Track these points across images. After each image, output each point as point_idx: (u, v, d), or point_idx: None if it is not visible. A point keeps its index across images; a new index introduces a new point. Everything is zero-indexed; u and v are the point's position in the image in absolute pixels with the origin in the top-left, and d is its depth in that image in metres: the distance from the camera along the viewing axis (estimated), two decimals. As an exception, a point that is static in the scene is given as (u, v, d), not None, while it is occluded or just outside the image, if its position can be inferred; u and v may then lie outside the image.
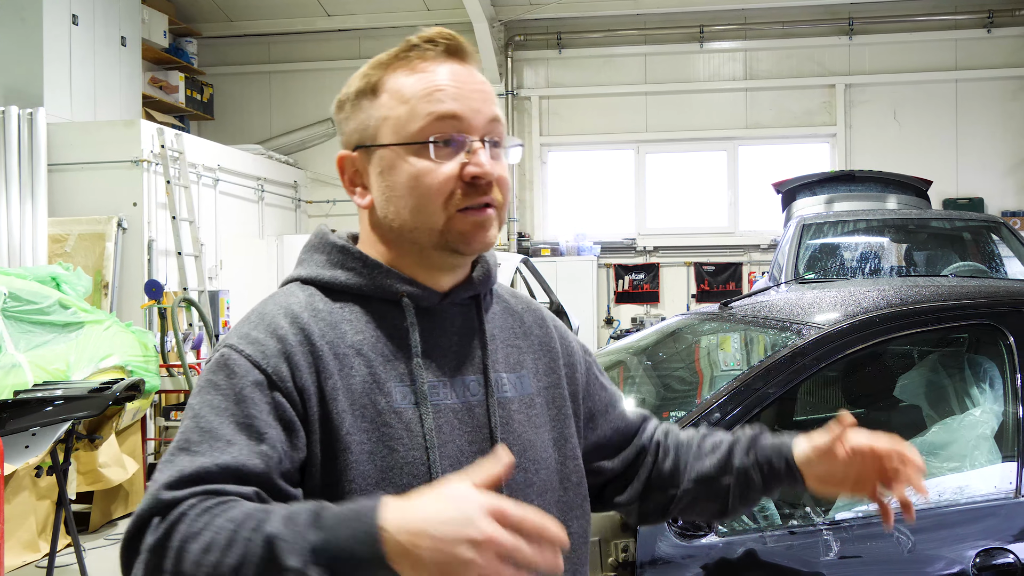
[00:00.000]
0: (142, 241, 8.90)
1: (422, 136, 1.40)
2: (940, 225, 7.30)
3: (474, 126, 1.42)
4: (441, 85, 1.41)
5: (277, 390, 1.34)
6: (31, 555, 6.01)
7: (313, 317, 1.41)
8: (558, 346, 1.64)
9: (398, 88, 1.43)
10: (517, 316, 1.62)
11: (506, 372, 1.52)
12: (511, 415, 1.49)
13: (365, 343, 1.42)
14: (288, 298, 1.45)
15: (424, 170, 1.40)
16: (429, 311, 1.47)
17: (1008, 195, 12.19)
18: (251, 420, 1.30)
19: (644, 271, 12.90)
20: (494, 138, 1.45)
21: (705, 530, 2.34)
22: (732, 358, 3.95)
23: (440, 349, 1.46)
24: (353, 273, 1.47)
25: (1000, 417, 2.72)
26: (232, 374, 1.34)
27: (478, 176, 1.40)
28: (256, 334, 1.38)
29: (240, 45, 13.59)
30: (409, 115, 1.41)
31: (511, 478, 1.44)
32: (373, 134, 1.44)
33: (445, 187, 1.40)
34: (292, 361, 1.36)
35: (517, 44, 12.99)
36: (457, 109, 1.40)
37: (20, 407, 4.87)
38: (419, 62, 1.43)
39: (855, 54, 12.50)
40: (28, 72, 9.32)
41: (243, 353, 1.36)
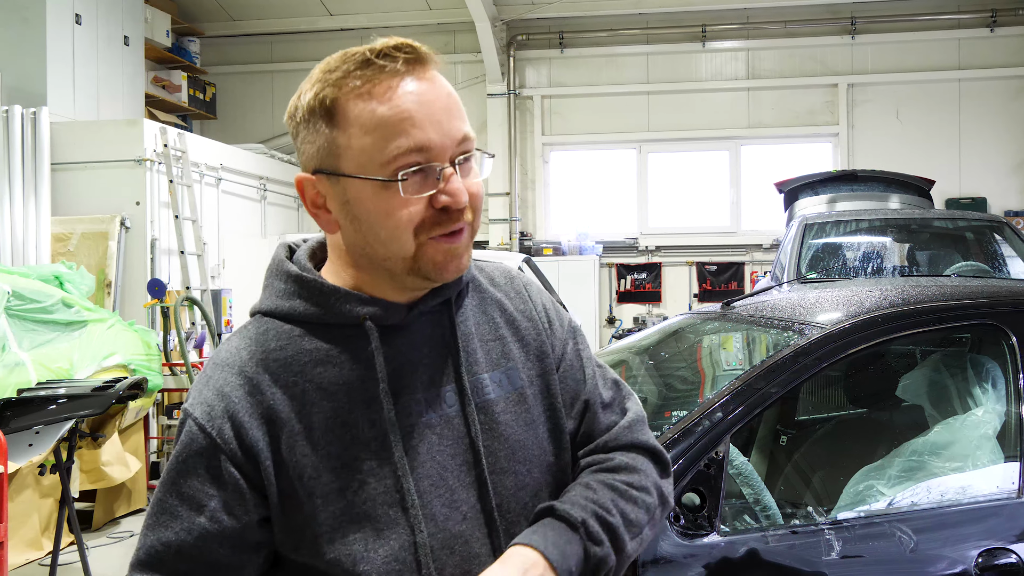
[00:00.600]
0: (145, 240, 8.90)
1: (389, 172, 1.31)
2: (943, 225, 7.30)
3: (443, 151, 1.33)
4: (406, 112, 1.31)
5: (222, 453, 1.34)
6: (34, 553, 6.02)
7: (263, 363, 1.37)
8: (542, 321, 1.56)
9: (358, 115, 1.32)
10: (497, 304, 1.53)
11: (488, 371, 1.46)
12: (495, 418, 1.43)
13: (326, 376, 1.37)
14: (240, 342, 1.42)
15: (394, 206, 1.32)
16: (396, 327, 1.41)
17: (1011, 195, 12.18)
18: (192, 491, 1.34)
19: (646, 271, 12.90)
20: (465, 155, 1.36)
21: (707, 529, 2.34)
22: (734, 358, 3.95)
23: (411, 365, 1.40)
24: (310, 303, 1.41)
25: (1002, 417, 2.72)
26: (181, 442, 1.37)
27: (450, 206, 1.34)
28: (206, 393, 1.38)
29: (243, 44, 13.60)
30: (373, 148, 1.31)
31: (501, 485, 1.41)
32: (334, 162, 1.35)
33: (415, 218, 1.33)
34: (236, 420, 1.34)
35: (519, 43, 12.98)
36: (425, 140, 1.31)
37: (24, 405, 4.88)
38: (380, 83, 1.32)
39: (858, 53, 12.50)
40: (31, 71, 9.33)
41: (192, 417, 1.37)
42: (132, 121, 9.42)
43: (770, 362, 2.59)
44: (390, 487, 1.34)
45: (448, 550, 1.36)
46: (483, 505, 1.40)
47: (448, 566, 1.35)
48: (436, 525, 1.35)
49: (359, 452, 1.34)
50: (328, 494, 1.33)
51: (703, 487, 2.37)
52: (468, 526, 1.38)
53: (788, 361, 2.58)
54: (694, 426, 2.45)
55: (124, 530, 7.01)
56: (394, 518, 1.33)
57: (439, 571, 1.34)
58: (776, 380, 2.54)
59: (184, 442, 1.36)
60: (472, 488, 1.40)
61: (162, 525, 1.34)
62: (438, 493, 1.37)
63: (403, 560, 1.33)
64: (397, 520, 1.33)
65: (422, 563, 1.33)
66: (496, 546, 1.39)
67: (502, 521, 1.40)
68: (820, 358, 2.60)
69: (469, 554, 1.37)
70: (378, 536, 1.33)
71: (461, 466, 1.40)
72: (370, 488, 1.34)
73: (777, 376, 2.55)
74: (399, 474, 1.34)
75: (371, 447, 1.35)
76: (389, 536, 1.33)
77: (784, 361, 2.58)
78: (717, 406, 2.49)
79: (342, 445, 1.34)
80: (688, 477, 2.37)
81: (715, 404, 2.50)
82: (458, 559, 1.36)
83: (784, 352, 2.61)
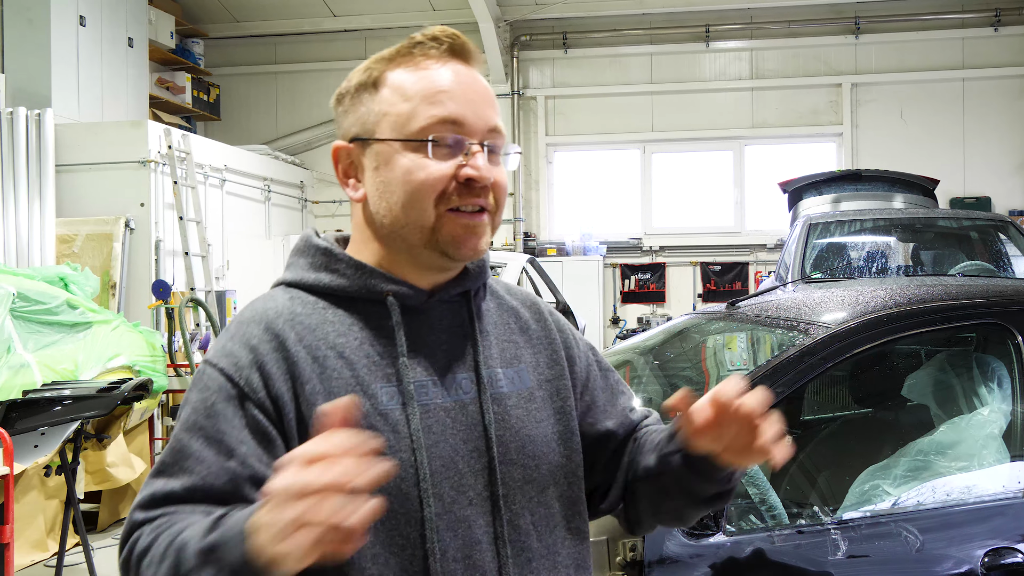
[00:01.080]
0: (149, 241, 8.92)
1: (422, 135, 1.38)
2: (947, 224, 7.28)
3: (474, 130, 1.40)
4: (444, 87, 1.40)
5: (250, 401, 1.34)
6: (40, 554, 6.03)
7: (290, 322, 1.40)
8: (558, 339, 1.60)
9: (400, 84, 1.41)
10: (512, 311, 1.58)
11: (501, 367, 1.49)
12: (507, 411, 1.46)
13: (348, 345, 1.39)
14: (267, 303, 1.44)
15: (419, 165, 1.38)
16: (416, 310, 1.45)
17: (1015, 194, 12.16)
18: (221, 436, 1.32)
19: (650, 271, 12.90)
20: (493, 144, 1.43)
21: (713, 529, 2.34)
22: (739, 358, 3.95)
23: (429, 348, 1.44)
24: (336, 275, 1.45)
25: (1008, 416, 2.72)
26: (205, 389, 1.35)
27: (473, 179, 1.39)
28: (231, 346, 1.38)
29: (246, 46, 13.62)
30: (410, 113, 1.39)
31: (508, 475, 1.43)
32: (371, 128, 1.43)
33: (438, 184, 1.38)
34: (264, 370, 1.35)
35: (523, 44, 12.99)
36: (458, 113, 1.39)
37: (29, 407, 4.89)
38: (423, 60, 1.42)
39: (861, 53, 12.49)
40: (36, 73, 9.36)
41: (217, 367, 1.36)
42: (136, 123, 9.43)
43: (775, 362, 2.59)
44: (404, 460, 1.35)
45: (451, 532, 1.37)
46: (490, 492, 1.41)
47: (450, 548, 1.36)
48: (443, 505, 1.36)
49: (375, 421, 1.36)
50: None
51: (709, 487, 2.37)
52: (473, 511, 1.39)
53: (793, 361, 2.57)
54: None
55: (129, 531, 7.01)
56: (405, 491, 1.34)
57: (442, 552, 1.35)
58: (781, 380, 2.54)
59: (209, 389, 1.35)
60: (481, 475, 1.41)
61: (185, 470, 1.31)
62: (447, 475, 1.38)
63: (407, 535, 1.34)
64: (408, 493, 1.34)
65: (427, 538, 1.34)
66: (498, 534, 1.40)
67: (506, 510, 1.42)
68: (825, 358, 2.60)
69: (471, 539, 1.38)
70: (387, 508, 1.32)
71: (472, 452, 1.41)
72: (385, 458, 1.34)
73: (782, 376, 2.55)
74: (414, 447, 1.36)
75: (388, 418, 1.36)
76: (397, 509, 1.33)
77: (789, 361, 2.58)
78: (722, 406, 2.48)
79: (360, 412, 1.35)
80: (694, 477, 2.37)
81: (720, 404, 2.49)
82: (460, 542, 1.37)
83: (789, 352, 2.61)
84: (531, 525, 1.44)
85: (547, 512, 1.47)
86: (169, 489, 1.30)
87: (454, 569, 1.36)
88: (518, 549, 1.42)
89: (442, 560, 1.35)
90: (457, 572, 1.36)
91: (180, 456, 1.32)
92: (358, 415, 1.27)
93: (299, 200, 12.39)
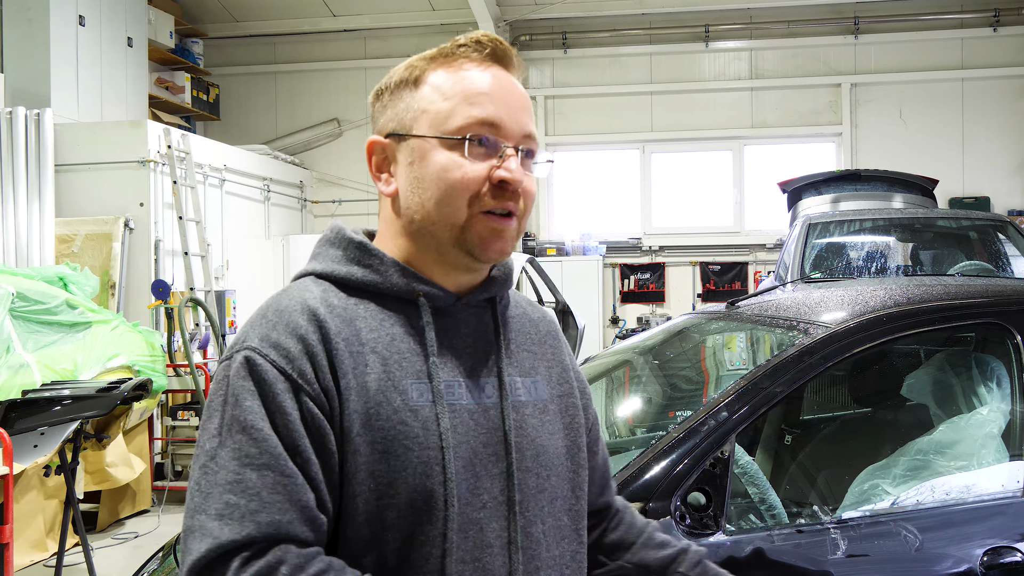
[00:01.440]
0: (149, 241, 8.92)
1: (459, 133, 1.41)
2: (946, 224, 7.29)
3: (510, 134, 1.43)
4: (484, 89, 1.43)
5: (306, 395, 1.33)
6: (39, 554, 6.03)
7: (329, 313, 1.39)
8: (568, 360, 1.64)
9: (440, 84, 1.44)
10: (533, 323, 1.62)
11: (520, 376, 1.51)
12: (525, 419, 1.47)
13: (380, 341, 1.40)
14: (303, 292, 1.42)
15: (455, 164, 1.40)
16: (444, 312, 1.46)
17: (1015, 194, 12.17)
18: (289, 432, 1.30)
19: (650, 271, 12.90)
20: (528, 149, 1.45)
21: (713, 528, 2.34)
22: (739, 357, 3.96)
23: (455, 350, 1.45)
24: (369, 270, 1.45)
25: (1008, 416, 2.72)
26: (262, 382, 1.32)
27: (506, 180, 1.41)
28: (275, 336, 1.35)
29: (246, 45, 13.61)
30: (449, 112, 1.42)
31: (524, 483, 1.44)
32: (409, 124, 1.45)
33: (472, 185, 1.40)
34: (315, 361, 1.34)
35: (522, 44, 12.99)
36: (496, 116, 1.42)
37: (28, 407, 4.88)
38: (465, 62, 1.45)
39: (861, 53, 12.49)
40: (35, 73, 9.35)
41: (266, 357, 1.34)
42: (136, 122, 9.43)
43: (775, 361, 2.59)
44: (432, 458, 1.35)
45: (462, 533, 1.37)
46: (506, 497, 1.42)
47: (462, 549, 1.36)
48: (459, 507, 1.37)
49: (406, 417, 1.36)
50: (371, 454, 1.33)
51: (708, 486, 2.38)
52: (486, 515, 1.39)
53: (793, 360, 2.58)
54: (699, 425, 2.46)
55: (129, 531, 7.02)
56: (430, 490, 1.34)
57: (456, 552, 1.36)
58: (781, 379, 2.54)
59: (257, 375, 1.32)
60: (497, 479, 1.42)
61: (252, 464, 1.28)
62: (464, 476, 1.38)
63: (428, 534, 1.34)
64: (433, 491, 1.34)
65: (448, 538, 1.35)
66: (511, 539, 1.41)
67: (521, 517, 1.42)
68: (825, 357, 2.60)
69: (482, 542, 1.38)
70: (410, 505, 1.34)
71: (491, 456, 1.42)
72: (413, 455, 1.35)
73: (782, 375, 2.55)
74: (443, 446, 1.36)
75: (419, 415, 1.37)
76: (421, 507, 1.34)
77: (789, 360, 2.58)
78: (722, 406, 2.49)
79: (392, 408, 1.36)
80: (694, 476, 2.38)
81: (720, 404, 2.50)
82: (470, 544, 1.37)
83: (789, 351, 2.61)
84: (542, 534, 1.45)
85: (556, 523, 1.48)
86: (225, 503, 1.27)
87: (462, 571, 1.36)
88: (529, 556, 1.43)
89: (451, 562, 1.36)
90: (466, 573, 1.37)
91: (239, 463, 1.29)
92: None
93: (299, 200, 12.39)
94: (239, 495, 1.27)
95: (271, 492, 1.27)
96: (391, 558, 1.34)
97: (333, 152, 13.28)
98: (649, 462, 2.41)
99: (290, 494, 1.28)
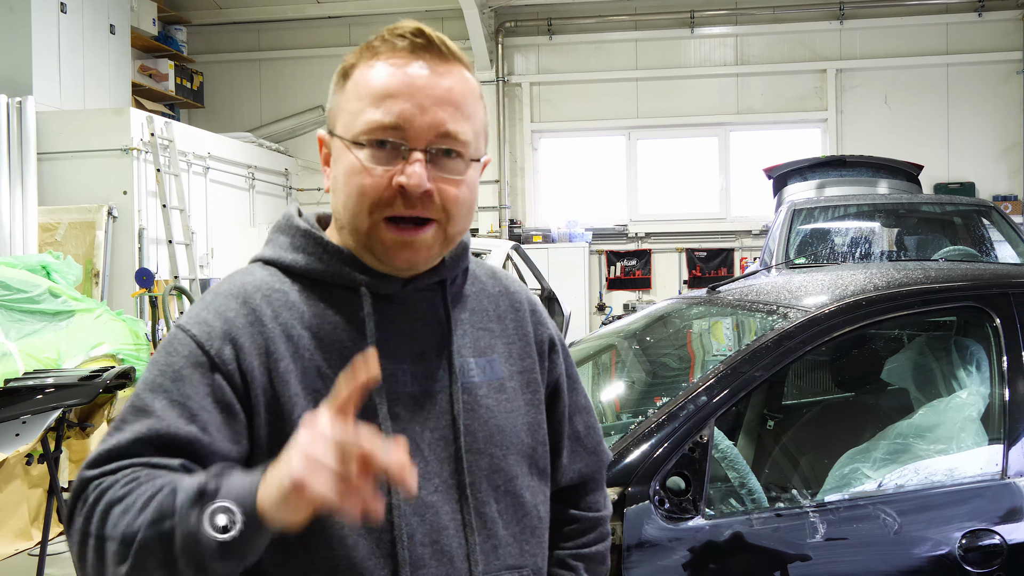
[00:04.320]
0: (132, 229, 8.88)
1: (361, 137, 1.37)
2: (931, 210, 7.31)
3: (418, 136, 1.36)
4: (391, 88, 1.36)
5: (218, 372, 1.34)
6: (24, 543, 6.01)
7: (266, 299, 1.41)
8: (532, 332, 1.59)
9: (356, 81, 1.40)
10: (492, 299, 1.57)
11: (473, 357, 1.49)
12: (477, 400, 1.46)
13: (322, 328, 1.40)
14: (245, 277, 1.46)
15: (357, 168, 1.37)
16: (390, 298, 1.45)
17: (999, 179, 12.21)
18: (185, 400, 1.31)
19: (636, 257, 12.91)
20: (444, 148, 1.38)
21: (692, 512, 2.34)
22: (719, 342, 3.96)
23: (400, 336, 1.44)
24: (313, 258, 1.45)
25: (987, 399, 2.73)
26: (173, 352, 1.35)
27: (404, 186, 1.35)
28: (205, 315, 1.39)
29: (230, 33, 13.54)
30: (357, 113, 1.38)
31: (476, 464, 1.44)
32: (333, 122, 1.44)
33: (371, 191, 1.36)
34: (237, 343, 1.36)
35: (508, 30, 12.96)
36: (400, 118, 1.35)
37: (10, 395, 4.86)
38: (387, 56, 1.38)
39: (846, 39, 12.50)
40: (17, 60, 9.28)
41: (189, 333, 1.36)
42: (119, 110, 9.38)
43: (754, 346, 2.60)
44: None
45: (418, 517, 1.38)
46: (457, 480, 1.42)
47: (418, 532, 1.37)
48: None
49: None
50: None
51: (688, 471, 2.38)
52: (439, 498, 1.40)
53: (772, 345, 2.58)
54: (679, 410, 2.46)
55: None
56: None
57: (410, 536, 1.37)
58: (760, 364, 2.55)
59: (178, 353, 1.35)
60: (447, 463, 1.42)
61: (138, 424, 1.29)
62: (412, 462, 1.37)
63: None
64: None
65: (395, 524, 1.36)
66: (466, 521, 1.42)
67: (472, 499, 1.43)
68: (804, 341, 2.61)
69: (438, 524, 1.39)
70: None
71: (439, 440, 1.42)
72: None
73: (761, 360, 2.55)
74: (383, 433, 1.36)
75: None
76: None
77: (768, 345, 2.58)
78: (702, 390, 2.49)
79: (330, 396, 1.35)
80: (673, 461, 2.38)
81: (699, 388, 2.50)
82: (428, 527, 1.38)
83: (768, 336, 2.62)
84: (497, 513, 1.45)
85: (514, 501, 1.48)
86: (131, 438, 1.27)
87: (421, 553, 1.37)
88: (485, 536, 1.43)
89: (410, 545, 1.36)
90: (425, 556, 1.38)
91: (141, 412, 1.30)
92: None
93: (284, 188, 12.35)
94: (135, 413, 1.30)
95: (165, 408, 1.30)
96: (342, 544, 1.34)
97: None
98: (628, 446, 2.41)
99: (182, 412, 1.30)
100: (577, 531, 1.66)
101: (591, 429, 1.68)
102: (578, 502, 1.67)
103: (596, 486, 1.71)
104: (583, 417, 1.67)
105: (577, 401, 1.66)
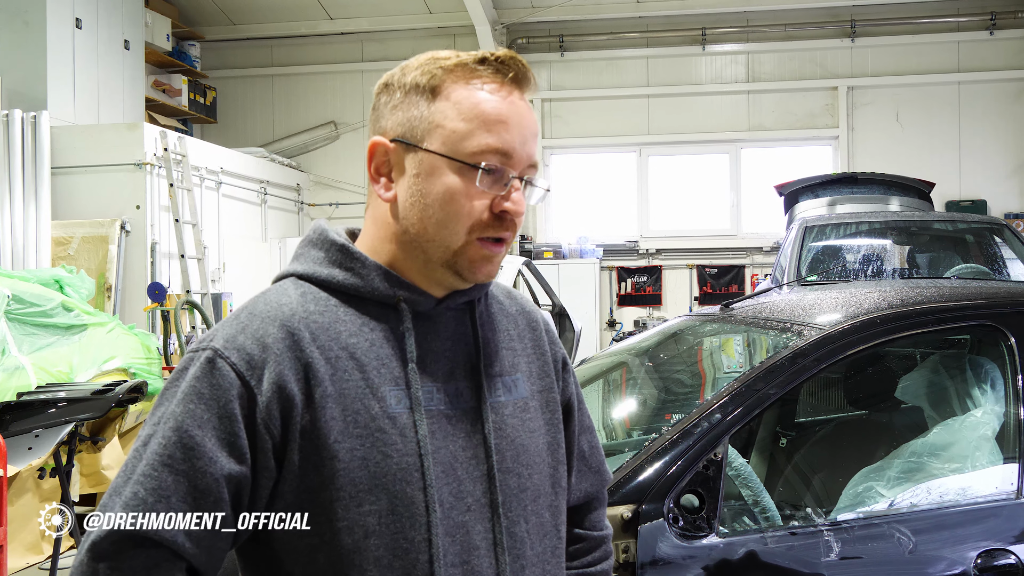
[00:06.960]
0: (145, 244, 8.91)
1: (474, 159, 1.39)
2: (942, 227, 7.29)
3: (519, 163, 1.42)
4: (504, 116, 1.41)
5: (257, 408, 1.33)
6: (34, 557, 6.02)
7: (304, 320, 1.39)
8: (548, 351, 1.62)
9: (460, 101, 1.40)
10: (512, 318, 1.60)
11: (500, 376, 1.51)
12: (504, 420, 1.48)
13: (359, 346, 1.40)
14: (280, 297, 1.43)
15: (463, 191, 1.39)
16: (424, 315, 1.46)
17: (1011, 197, 12.18)
18: (234, 439, 1.32)
19: (646, 273, 12.90)
20: (530, 178, 1.45)
21: (706, 530, 2.34)
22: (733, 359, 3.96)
23: (434, 354, 1.45)
24: (351, 273, 1.45)
25: (1001, 418, 2.72)
26: (216, 386, 1.33)
27: (509, 213, 1.41)
28: (242, 340, 1.36)
29: (243, 48, 13.60)
30: (466, 134, 1.39)
31: (505, 483, 1.45)
32: (421, 136, 1.42)
33: (476, 214, 1.40)
34: (278, 373, 1.34)
35: (519, 47, 12.99)
36: (510, 146, 1.40)
37: (23, 409, 4.88)
38: (488, 82, 1.42)
39: (857, 56, 12.50)
40: (32, 75, 9.34)
41: (227, 360, 1.34)
42: (132, 125, 9.43)
43: (768, 363, 2.59)
44: (411, 465, 1.36)
45: (450, 537, 1.38)
46: (489, 499, 1.43)
47: (449, 553, 1.38)
48: (443, 511, 1.38)
49: (384, 424, 1.37)
50: (351, 460, 1.34)
51: (702, 488, 2.37)
52: (471, 517, 1.41)
53: (786, 362, 2.58)
54: (692, 427, 2.45)
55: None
56: (411, 496, 1.35)
57: (443, 555, 1.37)
58: (774, 381, 2.54)
59: (213, 378, 1.34)
60: (480, 482, 1.43)
61: (171, 467, 1.31)
62: (446, 480, 1.39)
63: (412, 539, 1.35)
64: (414, 499, 1.36)
65: (433, 543, 1.36)
66: (497, 540, 1.42)
67: (504, 518, 1.44)
68: (818, 359, 2.60)
69: (469, 544, 1.40)
70: (392, 512, 1.35)
71: (471, 459, 1.43)
72: (392, 463, 1.36)
73: (775, 377, 2.55)
74: (421, 452, 1.37)
75: (396, 422, 1.37)
76: (403, 513, 1.35)
77: (782, 362, 2.58)
78: (715, 408, 2.49)
79: (369, 415, 1.36)
80: (687, 479, 2.37)
81: (713, 406, 2.50)
82: (459, 547, 1.39)
83: (782, 353, 2.61)
84: (526, 532, 1.46)
85: (539, 521, 1.49)
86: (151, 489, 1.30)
87: (452, 574, 1.38)
88: (514, 556, 1.44)
89: (444, 565, 1.37)
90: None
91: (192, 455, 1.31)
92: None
93: (295, 203, 12.39)
94: (149, 492, 1.30)
95: (180, 500, 1.30)
96: (377, 565, 1.35)
97: (330, 155, 13.28)
98: (642, 464, 2.40)
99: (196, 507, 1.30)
100: (583, 550, 1.68)
101: (595, 449, 1.70)
102: (582, 521, 1.70)
103: (599, 505, 1.73)
104: (587, 437, 1.69)
105: (583, 421, 1.69)
